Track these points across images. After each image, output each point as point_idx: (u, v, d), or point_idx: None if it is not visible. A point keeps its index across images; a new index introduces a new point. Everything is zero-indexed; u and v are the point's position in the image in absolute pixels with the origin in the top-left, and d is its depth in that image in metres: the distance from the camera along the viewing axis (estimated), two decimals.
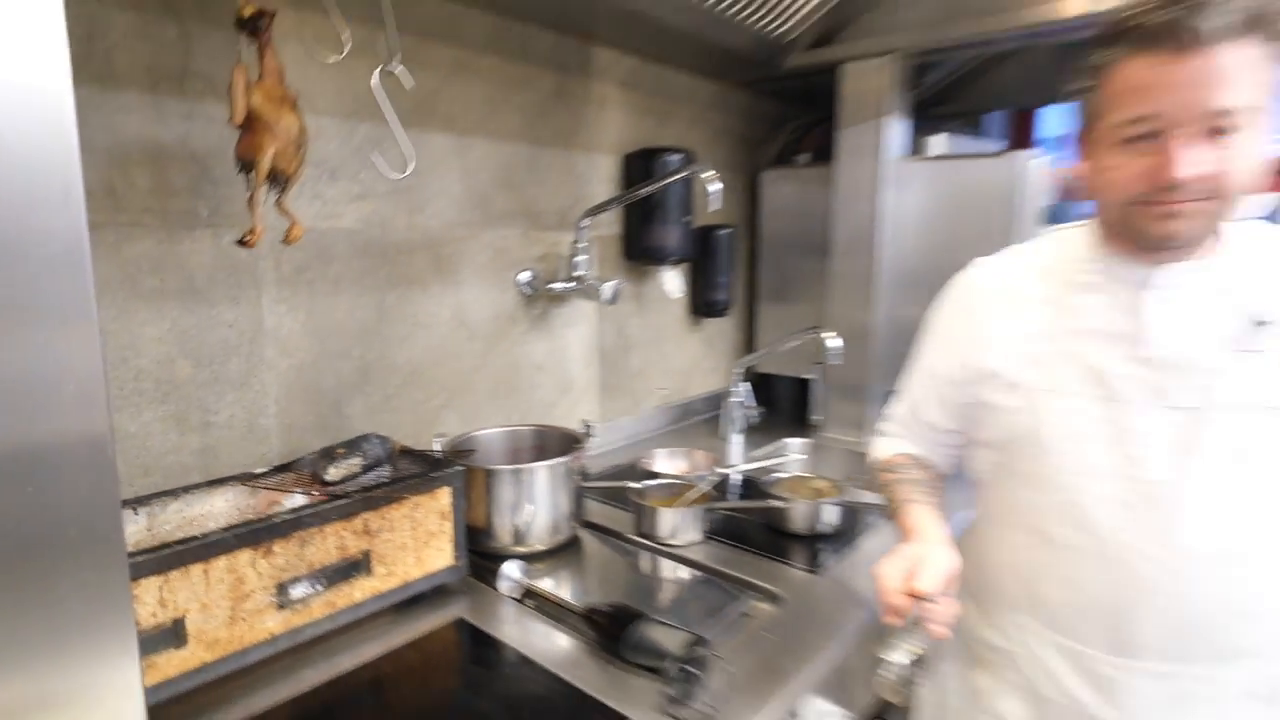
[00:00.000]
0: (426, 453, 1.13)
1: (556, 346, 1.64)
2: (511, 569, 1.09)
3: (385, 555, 0.99)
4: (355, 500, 0.95)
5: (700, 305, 1.98)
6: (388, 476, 1.03)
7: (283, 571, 0.88)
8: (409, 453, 1.12)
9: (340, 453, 1.02)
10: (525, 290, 1.52)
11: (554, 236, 1.58)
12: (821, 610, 1.06)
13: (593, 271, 1.56)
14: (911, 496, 0.92)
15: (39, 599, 0.43)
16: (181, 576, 0.79)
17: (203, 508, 0.94)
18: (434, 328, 1.38)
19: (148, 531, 0.87)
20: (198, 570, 0.81)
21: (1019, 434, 0.84)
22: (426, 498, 1.03)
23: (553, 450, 1.27)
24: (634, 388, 1.88)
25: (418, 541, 1.02)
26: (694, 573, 1.20)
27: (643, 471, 1.47)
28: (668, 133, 1.86)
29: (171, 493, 0.95)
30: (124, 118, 0.96)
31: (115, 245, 0.96)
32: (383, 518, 0.98)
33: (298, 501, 0.94)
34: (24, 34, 0.39)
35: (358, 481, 1.00)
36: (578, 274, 1.52)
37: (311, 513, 0.90)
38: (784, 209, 2.06)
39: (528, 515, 1.18)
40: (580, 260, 1.53)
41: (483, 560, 1.14)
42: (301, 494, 0.96)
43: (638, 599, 1.09)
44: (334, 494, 0.95)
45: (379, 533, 0.98)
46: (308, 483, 1.00)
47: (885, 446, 1.04)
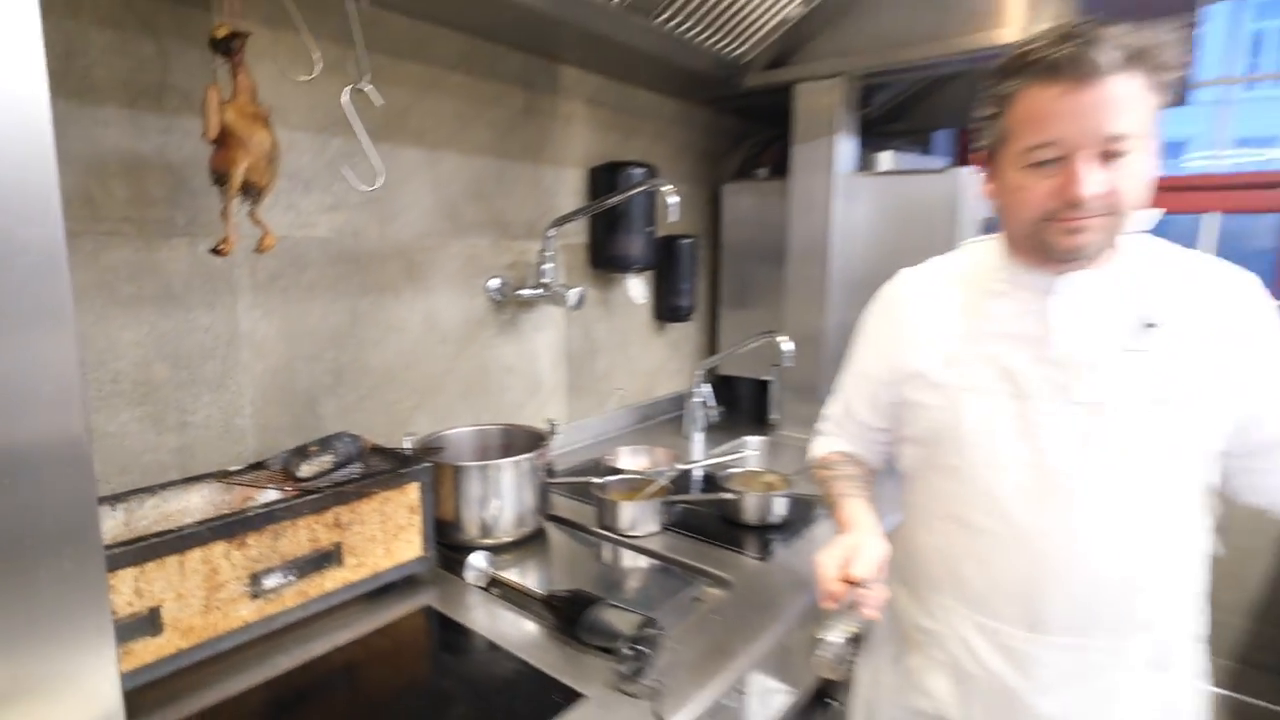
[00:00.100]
0: (397, 450, 1.15)
1: (525, 350, 1.67)
2: (478, 559, 1.11)
3: (356, 547, 1.01)
4: (326, 495, 0.97)
5: (664, 310, 2.02)
6: (359, 473, 1.05)
7: (256, 563, 0.90)
8: (380, 450, 1.14)
9: (313, 450, 1.04)
10: (495, 296, 1.55)
11: (522, 245, 1.61)
12: (768, 594, 1.10)
13: (559, 279, 1.59)
14: (846, 491, 0.96)
15: (18, 590, 0.44)
16: (157, 568, 0.81)
17: (179, 504, 0.95)
18: (406, 332, 1.39)
19: (125, 526, 0.88)
20: (173, 562, 0.82)
21: (941, 429, 0.88)
22: (396, 492, 1.05)
23: (519, 448, 1.30)
24: (601, 389, 1.92)
25: (387, 534, 1.05)
26: (651, 561, 1.23)
27: (606, 468, 1.50)
28: (633, 147, 1.90)
29: (149, 489, 0.96)
30: (102, 131, 0.97)
31: (93, 253, 0.97)
32: (353, 512, 1.00)
33: (271, 497, 0.96)
34: (2, 52, 0.40)
35: (329, 478, 1.02)
36: (545, 281, 1.56)
37: (284, 507, 0.92)
38: (744, 220, 2.11)
39: (494, 509, 1.21)
40: (547, 268, 1.56)
41: (451, 552, 1.16)
42: (275, 490, 0.98)
43: (597, 586, 1.12)
44: (306, 489, 0.97)
45: (350, 526, 1.00)
46: (281, 479, 1.01)
47: (822, 445, 1.08)
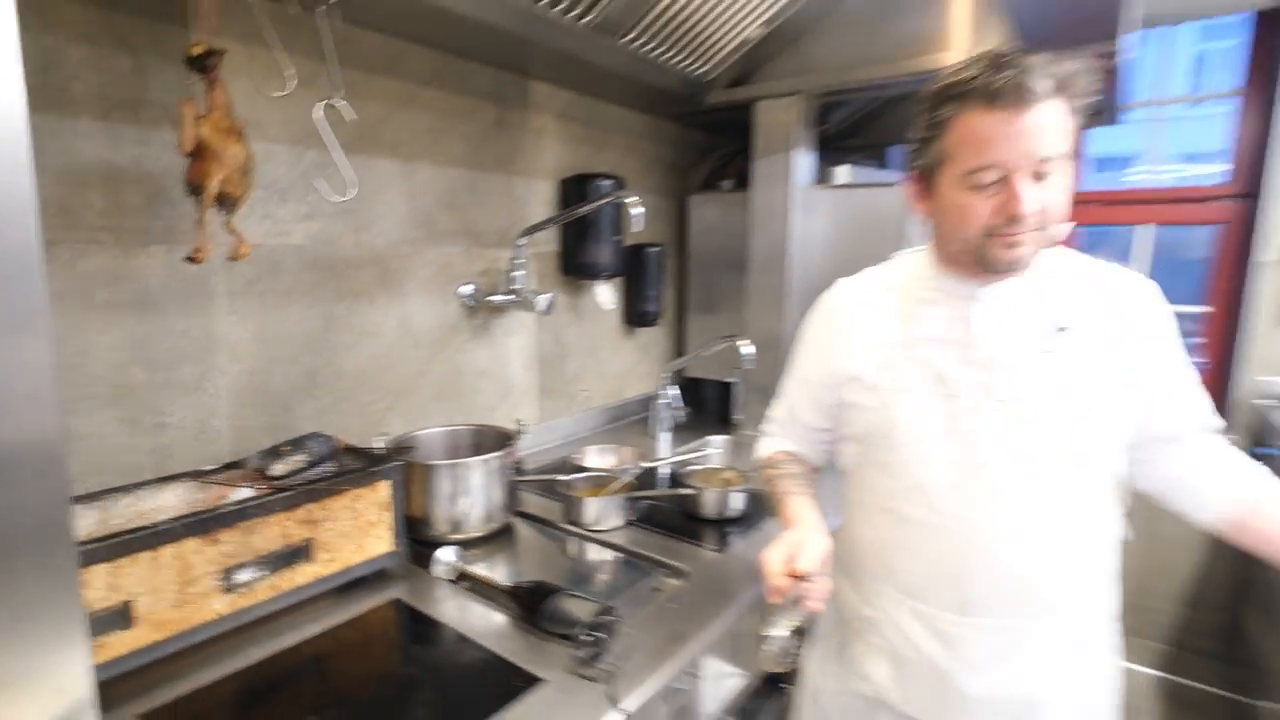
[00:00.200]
0: (369, 450, 1.17)
1: (498, 353, 1.69)
2: (446, 554, 1.14)
3: (327, 543, 1.03)
4: (298, 493, 0.98)
5: (633, 316, 2.05)
6: (331, 471, 1.07)
7: (228, 558, 0.92)
8: (352, 450, 1.15)
9: (286, 450, 1.06)
10: (468, 302, 1.57)
11: (495, 253, 1.63)
12: (722, 583, 1.13)
13: (530, 285, 1.62)
14: (791, 489, 0.98)
15: None
16: (130, 563, 0.82)
17: (154, 502, 0.96)
18: (380, 336, 1.41)
19: (100, 524, 0.88)
20: (146, 557, 0.83)
21: (876, 428, 0.92)
22: (367, 490, 1.07)
23: (488, 447, 1.32)
24: (571, 391, 1.94)
25: (359, 530, 1.06)
26: (615, 554, 1.26)
27: (573, 466, 1.53)
28: (603, 159, 1.93)
29: (124, 489, 0.97)
30: (80, 142, 0.98)
31: (70, 261, 0.98)
32: (325, 508, 1.02)
33: (244, 494, 0.97)
34: None
35: (302, 476, 1.04)
36: (516, 287, 1.58)
37: (256, 504, 0.94)
38: (710, 229, 2.16)
39: (463, 506, 1.23)
40: (518, 275, 1.58)
41: (422, 547, 1.18)
42: (248, 488, 0.99)
43: (561, 578, 1.15)
44: (278, 487, 0.99)
45: (321, 522, 1.01)
46: (254, 477, 1.03)
47: (767, 445, 1.11)
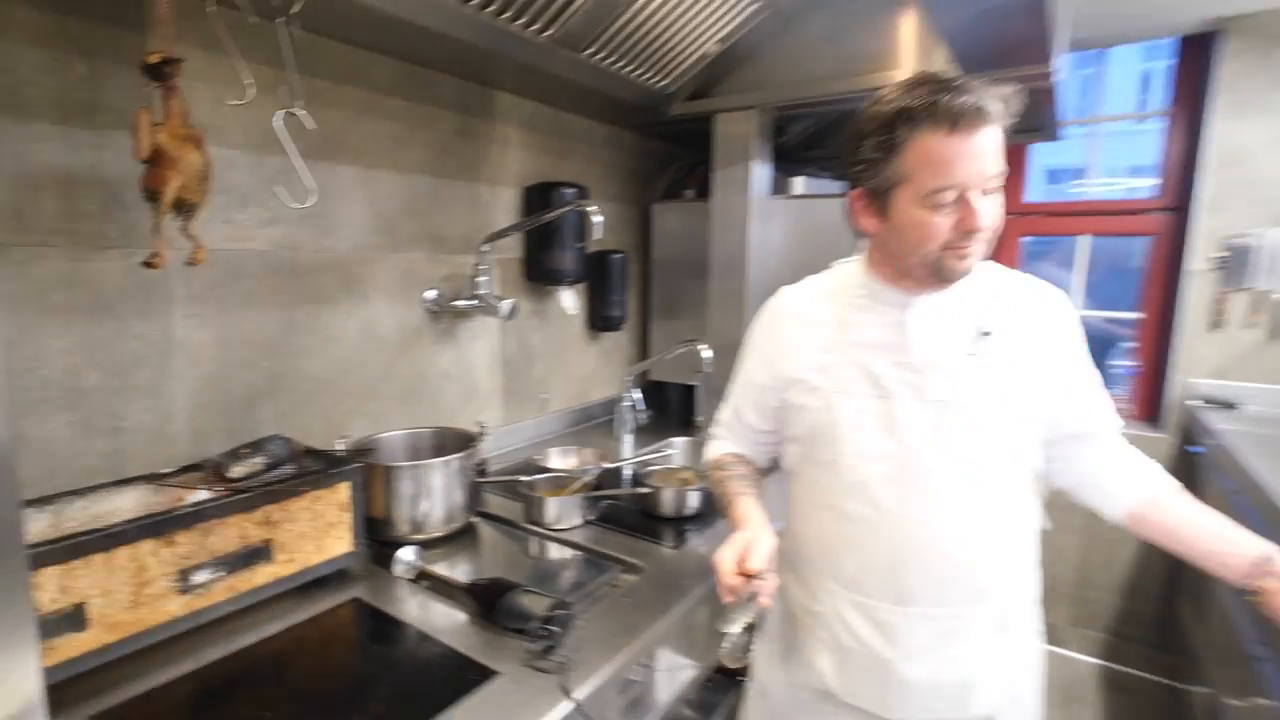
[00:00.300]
0: (329, 452, 1.16)
1: (463, 356, 1.69)
2: (406, 554, 1.13)
3: (286, 544, 1.02)
4: (256, 494, 0.97)
5: (597, 320, 2.07)
6: (290, 473, 1.06)
7: (185, 559, 0.90)
8: (313, 452, 1.15)
9: (244, 452, 1.05)
10: (431, 307, 1.57)
11: (459, 259, 1.63)
12: (676, 578, 1.15)
13: (494, 290, 1.62)
14: (739, 490, 1.00)
15: None
16: (83, 565, 0.81)
17: (109, 505, 0.94)
18: (343, 340, 1.40)
19: (52, 527, 0.87)
20: (99, 559, 0.82)
21: (818, 428, 0.95)
22: (326, 491, 1.06)
23: (450, 449, 1.32)
24: (537, 394, 1.95)
25: (318, 531, 1.06)
26: (574, 552, 1.27)
27: (536, 467, 1.53)
28: (567, 168, 1.94)
29: (78, 492, 0.95)
30: (35, 146, 0.96)
31: (23, 264, 0.96)
32: (284, 510, 1.01)
33: (202, 497, 0.96)
34: None
35: (260, 478, 1.03)
36: (480, 293, 1.58)
37: (213, 506, 0.93)
38: (672, 237, 2.18)
39: (424, 506, 1.23)
40: (482, 280, 1.58)
41: (383, 547, 1.18)
42: (205, 490, 0.98)
43: (520, 576, 1.15)
44: (236, 489, 0.98)
45: (280, 523, 1.01)
46: (212, 480, 1.01)
47: (715, 448, 1.11)
